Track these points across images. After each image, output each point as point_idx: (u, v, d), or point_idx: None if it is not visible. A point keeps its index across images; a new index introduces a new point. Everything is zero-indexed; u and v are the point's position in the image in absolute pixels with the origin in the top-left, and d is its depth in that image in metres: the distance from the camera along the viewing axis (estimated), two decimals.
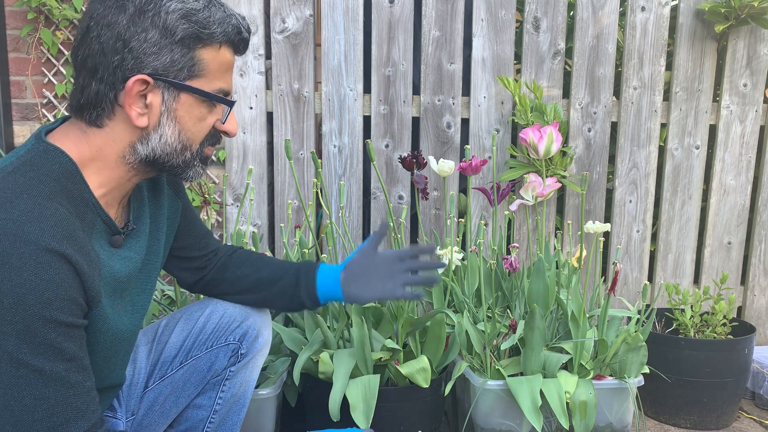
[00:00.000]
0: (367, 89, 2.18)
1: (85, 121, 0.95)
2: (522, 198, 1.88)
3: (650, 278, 2.35)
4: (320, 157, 2.22)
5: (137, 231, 1.07)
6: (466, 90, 2.21)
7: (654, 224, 2.35)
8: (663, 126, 2.26)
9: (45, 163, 0.91)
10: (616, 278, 1.54)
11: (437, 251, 1.84)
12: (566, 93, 2.26)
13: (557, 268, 1.79)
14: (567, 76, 2.27)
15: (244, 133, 2.16)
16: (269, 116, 2.19)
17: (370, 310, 1.63)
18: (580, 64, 2.18)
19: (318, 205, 2.39)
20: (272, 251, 2.24)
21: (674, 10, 2.24)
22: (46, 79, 2.14)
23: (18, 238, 0.82)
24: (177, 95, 0.95)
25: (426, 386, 1.54)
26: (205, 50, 0.95)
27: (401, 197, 2.22)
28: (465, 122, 2.22)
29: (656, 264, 2.31)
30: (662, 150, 2.26)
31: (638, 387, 1.63)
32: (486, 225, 2.23)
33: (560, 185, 1.99)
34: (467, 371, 1.60)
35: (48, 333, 0.84)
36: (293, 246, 1.91)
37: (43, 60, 2.13)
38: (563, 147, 2.13)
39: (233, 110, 1.05)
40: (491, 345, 1.62)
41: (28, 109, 2.16)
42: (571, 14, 2.29)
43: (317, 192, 2.08)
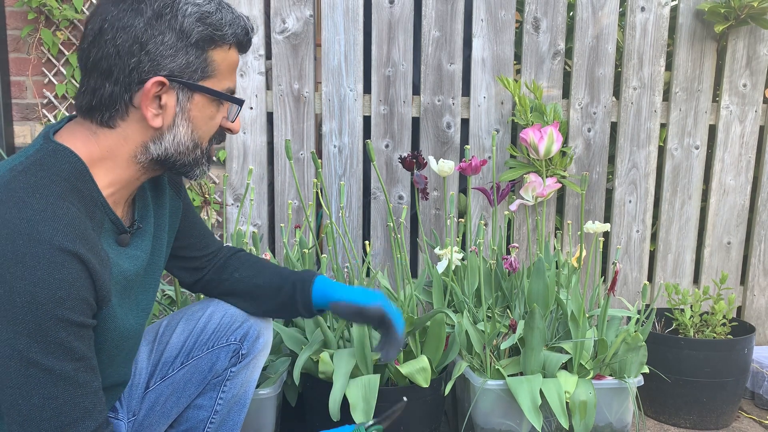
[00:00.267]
0: (367, 89, 2.19)
1: (96, 122, 0.96)
2: (522, 198, 1.88)
3: (650, 278, 2.36)
4: (320, 157, 2.23)
5: (143, 230, 1.08)
6: (466, 90, 2.21)
7: (654, 224, 2.35)
8: (663, 126, 2.26)
9: (55, 163, 0.91)
10: (616, 278, 1.55)
11: (437, 251, 1.84)
12: (566, 93, 2.26)
13: (557, 268, 1.79)
14: (567, 77, 2.28)
15: (245, 133, 2.16)
16: (269, 116, 2.19)
17: None
18: (580, 65, 2.18)
19: (318, 205, 2.39)
20: (272, 251, 2.24)
21: (674, 11, 2.24)
22: (47, 80, 2.14)
23: (32, 238, 0.83)
24: (191, 96, 0.97)
25: (426, 386, 1.54)
26: (216, 51, 0.98)
27: (401, 197, 2.23)
28: (465, 122, 2.23)
29: (656, 264, 2.31)
30: (662, 150, 2.27)
31: (638, 387, 1.63)
32: (486, 225, 2.24)
33: (560, 185, 1.99)
34: (467, 371, 1.60)
35: (59, 332, 0.84)
36: (293, 246, 1.91)
37: (44, 60, 2.13)
38: (563, 147, 2.14)
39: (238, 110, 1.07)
40: (491, 345, 1.62)
41: (29, 110, 2.16)
42: (571, 14, 2.29)
43: (317, 192, 2.09)
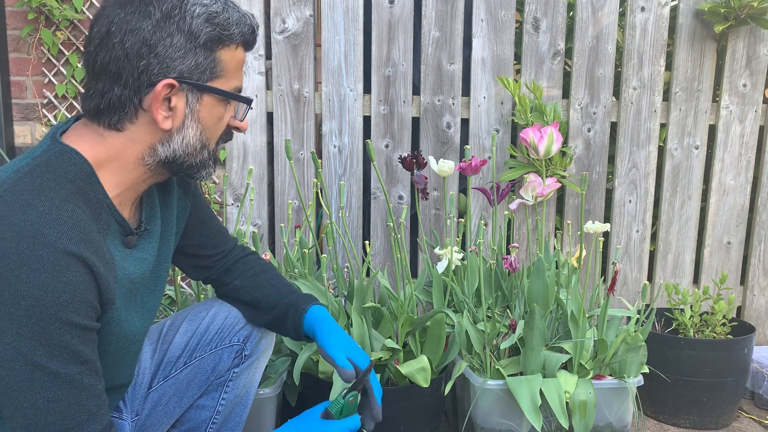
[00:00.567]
0: (367, 89, 2.19)
1: (104, 125, 0.95)
2: (522, 198, 1.88)
3: (650, 278, 2.36)
4: (320, 157, 2.23)
5: (150, 232, 1.08)
6: (466, 90, 2.21)
7: (653, 224, 2.36)
8: (662, 126, 2.26)
9: (61, 165, 0.91)
10: (616, 278, 1.55)
11: (437, 251, 1.84)
12: (566, 93, 2.26)
13: (557, 268, 1.79)
14: (567, 77, 2.28)
15: (244, 134, 2.16)
16: (269, 116, 2.19)
17: (370, 310, 1.64)
18: (580, 65, 2.18)
19: (318, 205, 2.39)
20: (272, 251, 2.24)
21: (674, 11, 2.24)
22: (47, 80, 2.14)
23: (36, 241, 0.82)
24: (200, 97, 0.97)
25: (426, 386, 1.54)
26: (224, 51, 0.97)
27: (401, 197, 2.23)
28: (465, 122, 2.23)
29: (656, 264, 2.31)
30: (662, 150, 2.27)
31: (638, 387, 1.63)
32: (486, 225, 2.24)
33: (560, 185, 1.99)
34: (467, 371, 1.60)
35: (63, 336, 0.84)
36: (293, 246, 1.91)
37: (44, 60, 2.13)
38: (563, 147, 2.14)
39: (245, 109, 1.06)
40: (491, 345, 1.62)
41: (29, 110, 2.16)
42: (571, 15, 2.29)
43: (317, 192, 2.09)
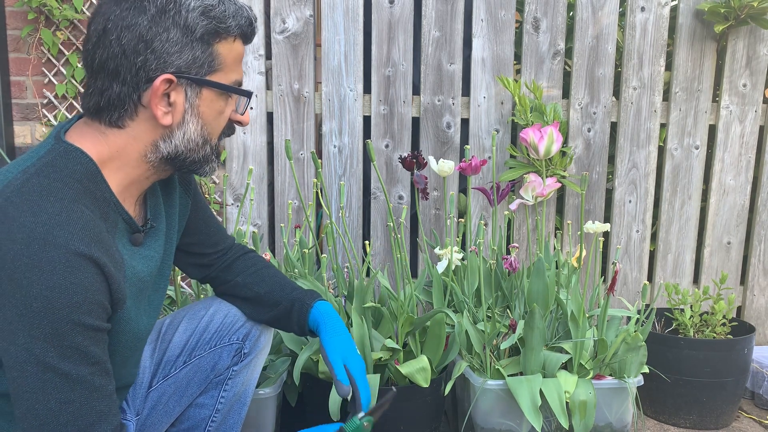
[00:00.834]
0: (367, 89, 2.19)
1: (105, 123, 0.95)
2: (522, 198, 1.88)
3: (650, 278, 2.36)
4: (320, 157, 2.23)
5: (156, 229, 1.08)
6: (466, 90, 2.21)
7: (653, 224, 2.35)
8: (662, 126, 2.26)
9: (67, 165, 0.91)
10: (615, 278, 1.55)
11: (437, 251, 1.84)
12: (566, 93, 2.26)
13: (557, 268, 1.79)
14: (567, 77, 2.28)
15: (245, 134, 2.16)
16: (269, 116, 2.19)
17: (370, 310, 1.64)
18: (580, 65, 2.18)
19: (318, 205, 2.39)
20: (272, 251, 2.24)
21: (674, 11, 2.24)
22: (47, 80, 2.14)
23: (47, 242, 0.82)
24: (199, 91, 0.96)
25: (426, 386, 1.54)
26: (221, 44, 0.96)
27: (401, 197, 2.23)
28: (465, 122, 2.23)
29: (656, 264, 2.31)
30: (662, 150, 2.27)
31: (638, 387, 1.63)
32: (486, 225, 2.24)
33: (560, 185, 1.99)
34: (467, 371, 1.60)
35: (75, 337, 0.84)
36: (293, 246, 1.91)
37: (44, 60, 2.13)
38: (563, 147, 2.14)
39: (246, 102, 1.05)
40: (491, 345, 1.62)
41: (29, 110, 2.16)
42: (571, 14, 2.29)
43: (317, 192, 2.09)
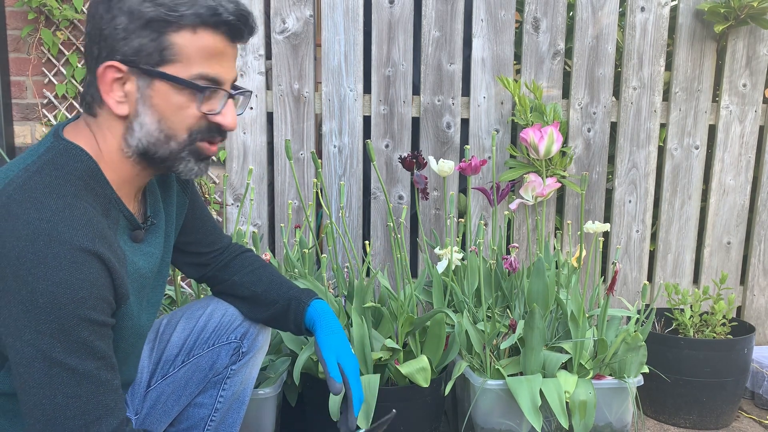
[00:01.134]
0: (367, 89, 2.19)
1: (89, 116, 0.97)
2: (522, 198, 1.88)
3: (650, 278, 2.36)
4: (320, 157, 2.23)
5: (156, 226, 1.08)
6: (466, 90, 2.21)
7: (653, 224, 2.36)
8: (662, 126, 2.26)
9: (68, 162, 0.92)
10: (615, 278, 1.55)
11: (437, 251, 1.84)
12: (566, 93, 2.26)
13: (557, 268, 1.79)
14: (567, 77, 2.28)
15: (244, 133, 2.16)
16: (269, 116, 2.19)
17: (370, 310, 1.64)
18: (580, 65, 2.18)
19: (318, 205, 2.39)
20: (272, 251, 2.24)
21: (674, 11, 2.24)
22: (47, 80, 2.14)
23: (52, 238, 0.83)
24: (150, 82, 0.92)
25: (426, 386, 1.54)
26: (179, 34, 0.91)
27: (401, 197, 2.23)
28: (465, 122, 2.23)
29: (656, 264, 2.31)
30: (662, 150, 2.27)
31: (638, 387, 1.63)
32: (486, 225, 2.24)
33: (560, 185, 1.99)
34: (467, 371, 1.60)
35: (81, 332, 0.85)
36: (293, 246, 1.91)
37: (44, 60, 2.13)
38: (563, 147, 2.14)
39: (230, 102, 0.98)
40: (491, 345, 1.62)
41: (29, 110, 2.16)
42: (571, 15, 2.29)
43: (317, 192, 2.09)
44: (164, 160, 0.97)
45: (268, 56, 2.19)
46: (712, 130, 2.28)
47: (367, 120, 2.20)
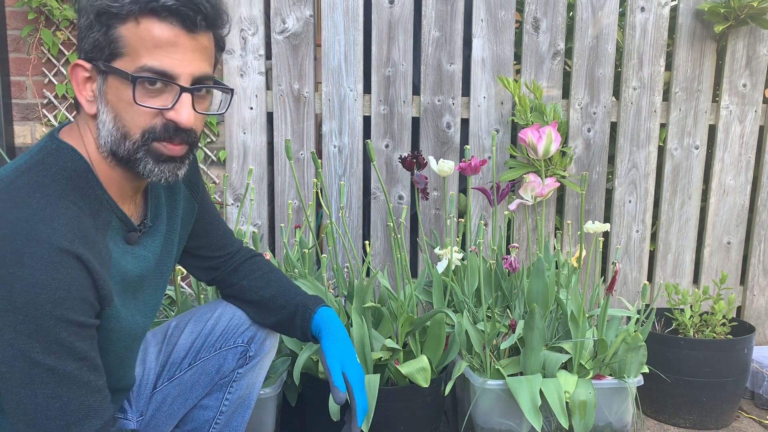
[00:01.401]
0: (367, 89, 2.19)
1: (78, 114, 0.98)
2: (521, 198, 1.88)
3: (650, 278, 2.36)
4: (320, 157, 2.23)
5: (154, 229, 1.08)
6: (466, 90, 2.21)
7: (653, 224, 2.36)
8: (662, 126, 2.26)
9: (57, 162, 0.92)
10: (615, 278, 1.55)
11: (437, 251, 1.84)
12: (566, 93, 2.26)
13: (557, 268, 1.79)
14: (567, 77, 2.28)
15: (245, 134, 2.16)
16: (269, 116, 2.19)
17: (370, 310, 1.64)
18: (580, 65, 2.18)
19: (318, 205, 2.39)
20: (272, 251, 2.24)
21: (674, 11, 2.24)
22: (47, 80, 2.14)
23: (30, 238, 0.82)
24: (106, 78, 0.91)
25: (426, 386, 1.55)
26: (124, 26, 0.88)
27: (401, 197, 2.23)
28: (465, 122, 2.23)
29: (656, 264, 2.31)
30: (662, 150, 2.27)
31: (638, 387, 1.63)
32: (486, 225, 2.24)
33: (559, 185, 1.99)
34: (467, 371, 1.60)
35: (60, 332, 0.84)
36: (293, 246, 1.91)
37: (44, 60, 2.13)
38: (563, 147, 2.14)
39: (183, 97, 0.91)
40: (491, 345, 1.62)
41: (29, 110, 2.16)
42: (571, 15, 2.29)
43: (317, 192, 2.09)
44: (126, 161, 0.93)
45: (268, 56, 2.19)
46: (712, 130, 2.28)
47: (367, 120, 2.20)
